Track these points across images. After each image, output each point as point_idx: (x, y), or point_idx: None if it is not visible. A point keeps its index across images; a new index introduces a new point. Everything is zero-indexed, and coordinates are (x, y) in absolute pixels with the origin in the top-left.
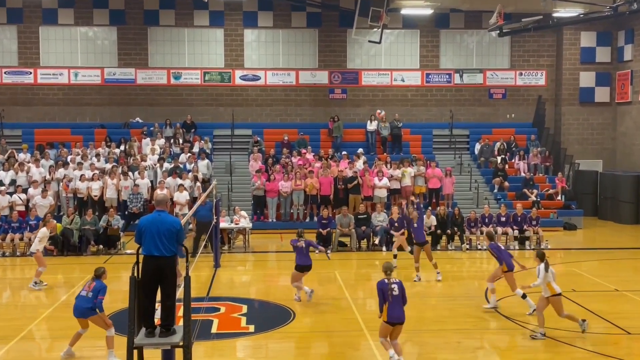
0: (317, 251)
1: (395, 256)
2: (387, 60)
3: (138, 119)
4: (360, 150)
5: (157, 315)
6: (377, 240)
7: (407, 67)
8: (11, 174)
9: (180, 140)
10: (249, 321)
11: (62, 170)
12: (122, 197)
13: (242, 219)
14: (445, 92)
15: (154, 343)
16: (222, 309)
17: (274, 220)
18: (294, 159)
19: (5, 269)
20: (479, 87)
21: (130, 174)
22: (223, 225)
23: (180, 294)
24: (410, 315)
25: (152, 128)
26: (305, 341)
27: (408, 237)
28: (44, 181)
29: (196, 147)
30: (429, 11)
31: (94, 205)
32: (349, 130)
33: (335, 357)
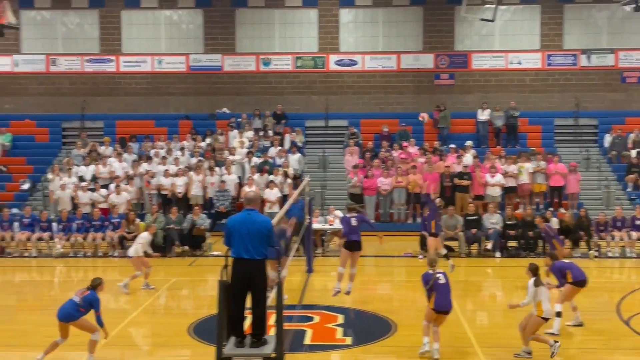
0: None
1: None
2: (502, 40)
3: (225, 110)
4: (469, 142)
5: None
6: (490, 245)
7: (525, 48)
8: (92, 169)
9: (269, 133)
10: (345, 333)
11: (146, 165)
12: (208, 195)
13: (337, 220)
14: (570, 76)
15: (245, 354)
16: (316, 319)
17: (373, 220)
18: (395, 153)
19: (87, 271)
20: (609, 70)
21: (217, 169)
22: (316, 226)
23: (271, 300)
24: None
25: (240, 119)
26: (407, 357)
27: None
28: (127, 177)
29: (287, 140)
30: None
31: (178, 202)
32: (457, 121)
33: None
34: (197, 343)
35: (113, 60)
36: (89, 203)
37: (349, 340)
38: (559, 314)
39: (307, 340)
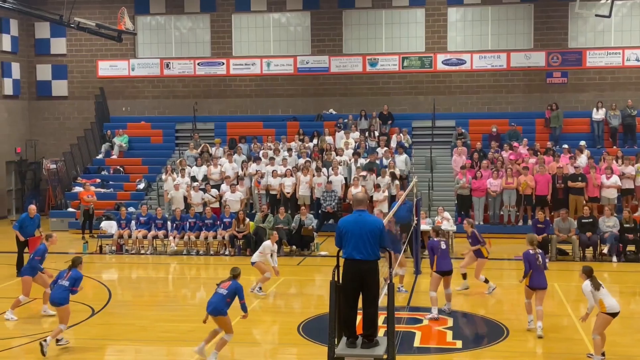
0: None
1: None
2: (618, 36)
3: (332, 111)
4: (583, 143)
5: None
6: (606, 249)
7: None
8: (204, 170)
9: (376, 133)
10: (455, 336)
11: (254, 166)
12: (315, 195)
13: (445, 221)
14: None
15: (356, 354)
16: (425, 321)
17: (481, 222)
18: (505, 154)
19: (199, 268)
20: None
21: (324, 169)
22: (423, 227)
23: (382, 302)
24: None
25: (346, 120)
26: None
27: None
28: (237, 177)
29: (393, 141)
30: None
31: (286, 202)
32: (570, 120)
33: None
34: (307, 342)
35: (224, 63)
36: (201, 202)
37: (459, 343)
38: None
39: (417, 343)
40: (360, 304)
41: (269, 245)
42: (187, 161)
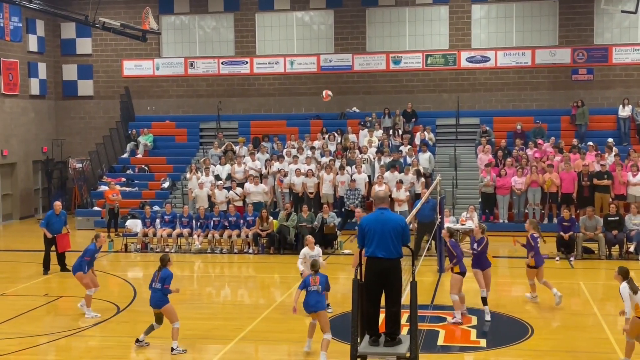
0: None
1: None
2: None
3: (355, 109)
4: (610, 140)
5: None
6: (633, 247)
7: None
8: (228, 168)
9: (399, 131)
10: (479, 334)
11: (277, 164)
12: (339, 193)
13: (469, 220)
14: None
15: (379, 352)
16: (449, 319)
17: (506, 221)
18: (529, 151)
19: (223, 267)
20: None
21: (348, 168)
22: (447, 225)
23: (405, 300)
24: None
25: (370, 118)
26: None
27: None
28: (260, 175)
29: (417, 139)
30: None
31: (309, 201)
32: (596, 117)
33: None
34: (331, 340)
35: (247, 62)
36: (225, 201)
37: (483, 342)
38: None
39: (440, 341)
40: (383, 302)
41: (306, 252)
42: (211, 160)
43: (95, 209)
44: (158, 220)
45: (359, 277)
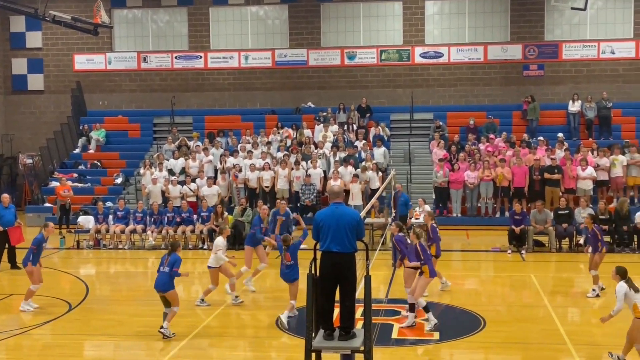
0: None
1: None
2: (594, 29)
3: (310, 104)
4: (560, 135)
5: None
6: (582, 240)
7: (618, 37)
8: (182, 163)
9: (354, 126)
10: (432, 327)
11: (232, 159)
12: (294, 188)
13: (422, 214)
14: None
15: (334, 347)
16: (403, 313)
17: (459, 215)
18: (482, 146)
19: None
20: None
21: (303, 163)
22: (396, 221)
23: (359, 294)
24: (623, 329)
25: (325, 113)
26: (496, 353)
27: None
28: (215, 171)
29: (372, 134)
30: None
31: (265, 196)
32: (547, 112)
33: None
34: (286, 335)
35: (201, 57)
36: (179, 196)
37: (436, 335)
38: None
39: (394, 335)
40: (337, 296)
41: (220, 242)
42: (165, 155)
43: (47, 205)
44: (111, 217)
45: (313, 272)
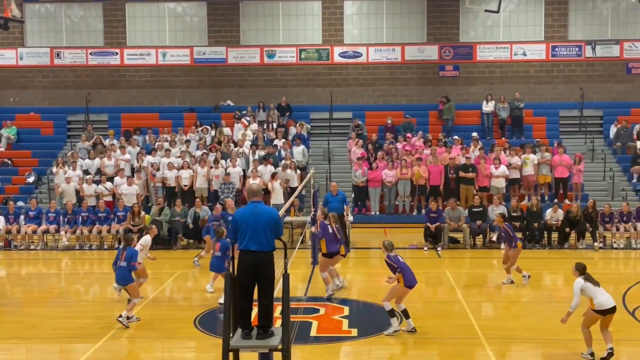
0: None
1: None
2: (507, 31)
3: (229, 102)
4: (474, 134)
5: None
6: (495, 237)
7: (530, 39)
8: (97, 162)
9: (274, 125)
10: (351, 324)
11: (150, 158)
12: (213, 187)
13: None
14: (575, 67)
15: (251, 345)
16: (322, 311)
17: (377, 213)
18: (399, 145)
19: (93, 263)
20: (614, 61)
21: (222, 161)
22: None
23: (278, 292)
24: (534, 323)
25: (244, 112)
26: (413, 349)
27: None
28: (132, 169)
29: (291, 132)
30: None
31: (183, 195)
32: (462, 112)
33: None
34: (204, 335)
35: (117, 53)
36: (94, 195)
37: (354, 331)
38: None
39: (313, 332)
40: (256, 295)
41: (147, 240)
42: (80, 153)
43: None
44: (22, 217)
45: (231, 271)
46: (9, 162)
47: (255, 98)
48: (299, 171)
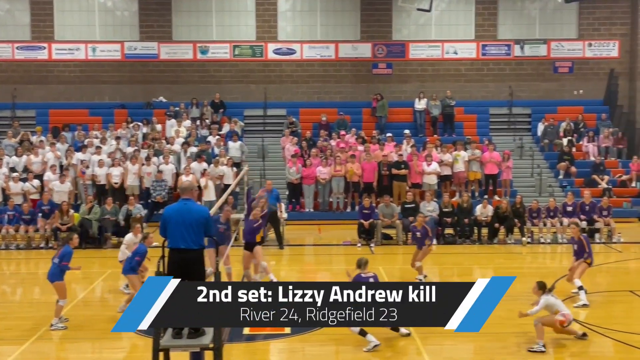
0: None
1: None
2: (438, 30)
3: (162, 98)
4: (407, 131)
5: None
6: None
7: (461, 38)
8: (24, 159)
9: (207, 122)
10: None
11: (80, 155)
12: (145, 185)
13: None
14: (504, 66)
15: (182, 345)
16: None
17: (311, 210)
18: (333, 142)
19: (19, 263)
20: (542, 60)
21: (154, 159)
22: None
23: None
24: None
25: (177, 108)
26: (346, 344)
27: None
28: (61, 167)
29: (225, 129)
30: None
31: (114, 193)
32: (395, 110)
33: None
34: (134, 335)
35: (45, 48)
36: (21, 193)
37: (287, 329)
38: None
39: (246, 330)
40: None
41: (131, 238)
42: (5, 150)
43: None
44: None
45: (161, 269)
46: None
47: (188, 94)
48: (234, 168)
